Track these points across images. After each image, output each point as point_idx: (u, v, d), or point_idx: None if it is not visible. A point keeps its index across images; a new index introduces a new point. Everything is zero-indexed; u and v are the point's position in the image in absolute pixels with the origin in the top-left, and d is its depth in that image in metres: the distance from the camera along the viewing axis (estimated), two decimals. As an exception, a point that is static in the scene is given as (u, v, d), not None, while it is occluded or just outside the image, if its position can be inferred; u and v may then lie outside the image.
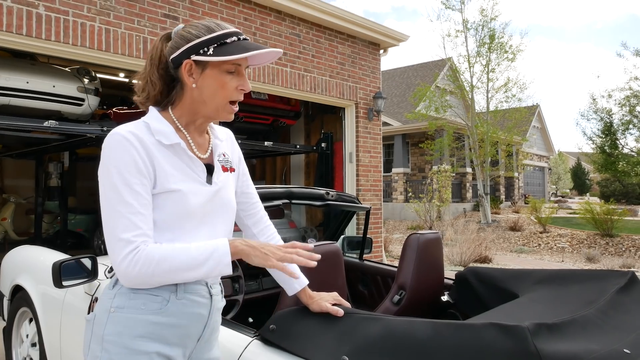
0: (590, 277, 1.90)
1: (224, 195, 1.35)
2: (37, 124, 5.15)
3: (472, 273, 2.33)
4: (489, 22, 15.78)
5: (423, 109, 17.01)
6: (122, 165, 1.18)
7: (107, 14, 4.95)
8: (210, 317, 1.36)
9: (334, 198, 2.78)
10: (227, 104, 1.28)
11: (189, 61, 1.24)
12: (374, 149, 7.95)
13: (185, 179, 1.27)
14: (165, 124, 1.28)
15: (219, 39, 1.23)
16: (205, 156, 1.35)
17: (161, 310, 1.24)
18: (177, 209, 1.24)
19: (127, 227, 1.16)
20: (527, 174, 27.09)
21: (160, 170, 1.23)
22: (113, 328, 1.21)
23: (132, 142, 1.20)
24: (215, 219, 1.33)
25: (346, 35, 7.54)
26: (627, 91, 11.86)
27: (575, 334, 1.28)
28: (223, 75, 1.24)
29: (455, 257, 9.10)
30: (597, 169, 12.80)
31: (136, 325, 1.21)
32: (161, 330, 1.24)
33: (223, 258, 1.19)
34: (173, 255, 1.17)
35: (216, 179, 1.34)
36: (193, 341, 1.33)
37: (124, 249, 1.15)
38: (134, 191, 1.18)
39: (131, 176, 1.18)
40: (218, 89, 1.25)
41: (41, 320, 2.69)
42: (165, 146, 1.26)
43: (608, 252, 11.15)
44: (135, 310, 1.22)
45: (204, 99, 1.27)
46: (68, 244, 8.53)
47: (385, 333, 1.35)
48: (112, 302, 1.24)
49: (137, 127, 1.25)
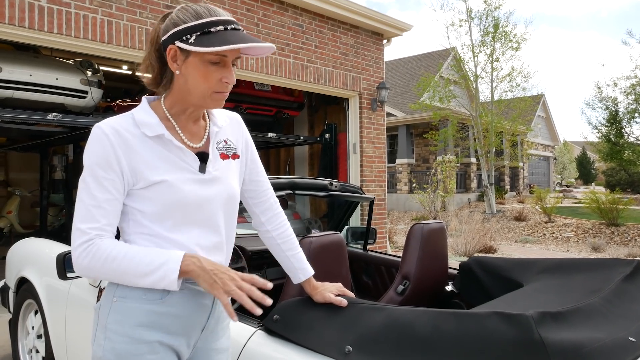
0: (595, 266, 1.89)
1: (221, 183, 1.32)
2: (41, 117, 5.16)
3: (476, 263, 2.32)
4: (493, 11, 15.65)
5: (427, 99, 16.94)
6: (94, 159, 1.19)
7: (109, 5, 4.93)
8: (214, 307, 1.35)
9: (338, 188, 2.78)
10: (213, 93, 1.23)
11: (173, 47, 1.20)
12: (378, 140, 7.93)
13: (173, 169, 1.25)
14: (151, 115, 1.26)
15: (203, 27, 1.17)
16: (199, 145, 1.32)
17: (162, 300, 1.23)
18: (168, 200, 1.23)
19: (85, 218, 1.17)
20: (532, 163, 26.98)
21: (142, 164, 1.22)
22: (115, 317, 1.22)
23: (110, 137, 1.20)
24: (213, 209, 1.31)
25: (349, 26, 7.49)
26: (632, 79, 11.78)
27: (580, 323, 1.28)
28: (206, 66, 1.19)
29: (460, 247, 9.09)
30: (602, 158, 12.75)
31: (137, 314, 1.22)
32: (163, 320, 1.24)
33: (170, 274, 1.15)
34: (122, 258, 1.16)
35: (211, 167, 1.31)
36: (197, 331, 1.32)
37: (79, 238, 1.17)
38: (100, 185, 1.19)
39: (101, 170, 1.19)
40: (200, 79, 1.20)
41: (46, 312, 2.70)
42: (150, 138, 1.24)
43: (613, 242, 11.11)
44: (136, 299, 1.22)
45: (188, 87, 1.23)
46: (73, 237, 8.56)
47: (388, 323, 1.34)
48: (115, 291, 1.25)
49: (122, 121, 1.24)
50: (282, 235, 1.52)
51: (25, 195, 9.46)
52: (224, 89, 1.24)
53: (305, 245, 1.82)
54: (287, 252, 1.52)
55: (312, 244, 1.83)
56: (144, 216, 1.24)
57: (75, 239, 1.18)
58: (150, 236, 1.24)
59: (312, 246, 1.82)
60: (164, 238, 1.24)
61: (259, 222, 1.53)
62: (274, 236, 1.52)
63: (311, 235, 1.87)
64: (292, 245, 1.53)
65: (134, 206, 1.24)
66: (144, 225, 1.24)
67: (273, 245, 1.53)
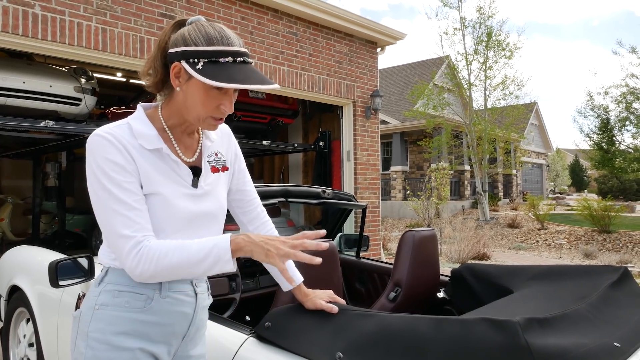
0: (584, 273, 1.92)
1: (211, 198, 1.34)
2: (34, 124, 5.15)
3: (467, 269, 2.34)
4: (486, 19, 15.80)
5: (421, 106, 17.03)
6: (107, 166, 1.17)
7: (103, 13, 4.95)
8: (195, 316, 1.36)
9: (330, 196, 2.79)
10: (209, 117, 1.23)
11: (178, 65, 1.19)
12: (372, 147, 7.96)
13: (169, 182, 1.26)
14: (149, 126, 1.26)
15: (212, 55, 1.15)
16: (193, 159, 1.34)
17: (145, 308, 1.24)
18: (161, 213, 1.24)
19: (125, 224, 1.16)
20: (525, 171, 27.13)
21: (142, 172, 1.22)
22: (96, 325, 1.22)
23: (112, 141, 1.19)
24: (201, 223, 1.32)
25: (343, 34, 7.55)
26: (623, 88, 11.90)
27: (566, 328, 1.30)
28: (208, 90, 1.19)
29: (454, 254, 9.12)
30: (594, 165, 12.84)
31: (119, 322, 1.22)
32: (145, 328, 1.24)
33: (223, 255, 1.16)
34: (173, 253, 1.17)
35: (203, 182, 1.33)
36: (178, 339, 1.33)
37: (126, 244, 1.16)
38: (123, 189, 1.18)
39: (118, 175, 1.18)
40: (199, 102, 1.20)
41: (38, 320, 2.69)
42: (148, 150, 1.24)
43: (605, 249, 11.18)
44: (119, 308, 1.23)
45: (187, 105, 1.23)
46: (66, 244, 8.52)
47: (378, 329, 1.36)
48: (97, 299, 1.25)
49: (118, 129, 1.23)
50: None
51: (17, 202, 9.40)
52: (220, 115, 1.24)
53: (296, 253, 1.83)
54: None
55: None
56: None
57: (122, 247, 1.16)
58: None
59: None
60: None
61: (246, 231, 1.55)
62: None
63: (303, 243, 1.87)
64: None
65: None
66: None
67: None
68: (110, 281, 1.26)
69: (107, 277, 1.27)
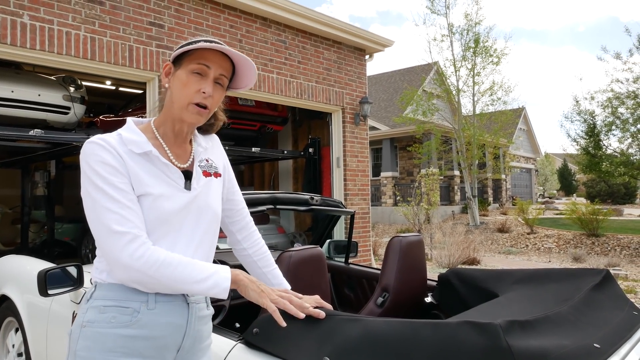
0: (567, 276, 1.96)
1: (204, 200, 1.35)
2: (23, 133, 5.13)
3: (454, 274, 2.38)
4: (474, 26, 15.97)
5: (410, 112, 17.14)
6: (101, 168, 1.21)
7: (92, 22, 4.96)
8: (189, 326, 1.33)
9: (319, 203, 2.82)
10: (190, 104, 1.29)
11: (168, 63, 1.34)
12: (361, 154, 8.01)
13: (160, 183, 1.28)
14: (138, 134, 1.31)
15: (191, 43, 1.30)
16: (185, 165, 1.37)
17: (132, 322, 1.22)
18: (152, 213, 1.25)
19: (119, 221, 1.17)
20: (514, 175, 27.34)
21: (134, 175, 1.25)
22: (83, 343, 1.21)
23: (107, 147, 1.23)
24: (195, 225, 1.33)
25: (332, 41, 7.60)
26: (609, 93, 12.04)
27: (548, 331, 1.33)
28: (188, 75, 1.29)
29: (444, 259, 9.17)
30: (582, 169, 12.97)
31: (106, 339, 1.20)
32: (133, 344, 1.22)
33: (222, 282, 1.23)
34: (177, 264, 1.19)
35: (195, 184, 1.35)
36: (172, 352, 1.30)
37: (120, 240, 1.16)
38: (118, 189, 1.20)
39: (112, 176, 1.21)
40: (181, 87, 1.29)
41: (27, 329, 2.68)
42: (138, 154, 1.27)
43: (594, 252, 11.29)
44: (104, 324, 1.21)
45: (172, 99, 1.31)
46: (55, 253, 8.46)
47: (365, 334, 1.38)
48: (84, 316, 1.24)
49: (109, 137, 1.27)
50: (258, 252, 1.57)
51: (6, 211, 9.33)
52: (201, 101, 1.29)
53: (285, 260, 1.86)
54: (264, 268, 1.56)
55: (292, 258, 1.87)
56: None
57: (116, 243, 1.17)
58: None
59: (292, 260, 1.86)
60: None
61: (235, 241, 1.57)
62: (251, 254, 1.56)
63: (290, 250, 1.90)
64: (269, 262, 1.58)
65: None
66: None
67: (250, 263, 1.57)
68: (98, 297, 1.25)
69: (95, 293, 1.27)
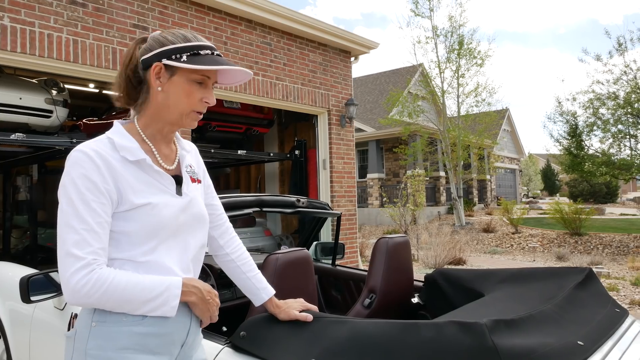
0: (551, 275, 1.98)
1: (195, 205, 1.36)
2: (4, 137, 5.05)
3: (440, 275, 2.39)
4: (458, 28, 16.11)
5: (396, 114, 17.23)
6: (81, 182, 1.17)
7: (74, 24, 4.91)
8: (191, 323, 1.36)
9: (305, 205, 2.82)
10: (192, 112, 1.29)
11: (159, 64, 1.26)
12: (347, 155, 8.03)
13: (155, 191, 1.27)
14: (129, 139, 1.28)
15: (194, 48, 1.26)
16: (172, 167, 1.36)
17: (143, 319, 1.22)
18: (150, 222, 1.24)
19: (78, 243, 1.14)
20: (499, 176, 27.62)
21: (126, 187, 1.23)
22: (95, 342, 1.20)
23: (94, 160, 1.19)
24: (189, 230, 1.34)
25: (317, 44, 7.62)
26: (590, 94, 12.23)
27: (532, 329, 1.35)
28: (190, 85, 1.26)
29: (430, 260, 9.22)
30: (564, 169, 13.15)
31: (119, 337, 1.20)
32: (146, 341, 1.23)
33: (171, 300, 1.21)
34: (124, 286, 1.16)
35: (186, 189, 1.35)
36: (177, 347, 1.33)
37: (74, 264, 1.13)
38: (90, 208, 1.17)
39: (90, 193, 1.17)
40: (183, 96, 1.27)
41: (9, 336, 2.64)
42: (131, 162, 1.26)
43: (577, 251, 11.45)
44: (116, 322, 1.21)
45: (168, 104, 1.28)
46: (38, 259, 8.33)
47: (352, 335, 1.38)
48: (92, 316, 1.22)
49: (101, 144, 1.24)
50: (241, 257, 1.56)
51: (-13, 217, 9.17)
52: (203, 109, 1.31)
53: (271, 262, 1.85)
54: (248, 273, 1.55)
55: (279, 260, 1.86)
56: (124, 239, 1.23)
57: (69, 266, 1.14)
58: (127, 261, 1.23)
59: (279, 263, 1.85)
60: (139, 263, 1.24)
61: (217, 246, 1.56)
62: (234, 259, 1.55)
63: (277, 252, 1.90)
64: (251, 267, 1.57)
65: (114, 229, 1.23)
66: (121, 250, 1.23)
67: (233, 269, 1.56)
68: None
69: None
